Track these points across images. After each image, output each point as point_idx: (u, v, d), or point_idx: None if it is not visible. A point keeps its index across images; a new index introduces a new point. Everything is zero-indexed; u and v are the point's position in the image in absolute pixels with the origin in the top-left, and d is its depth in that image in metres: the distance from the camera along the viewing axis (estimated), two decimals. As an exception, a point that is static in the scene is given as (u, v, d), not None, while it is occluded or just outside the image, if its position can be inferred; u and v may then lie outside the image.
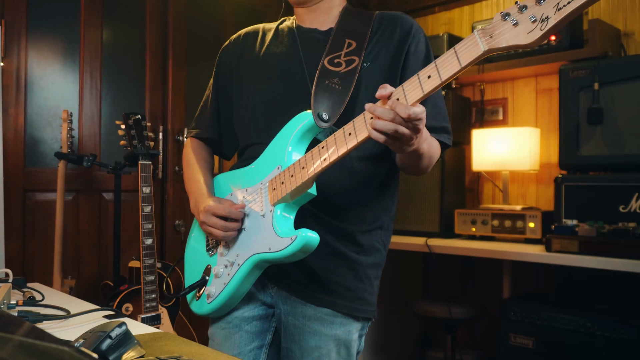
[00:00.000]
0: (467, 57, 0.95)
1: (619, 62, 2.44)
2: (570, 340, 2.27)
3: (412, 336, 3.25)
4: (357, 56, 1.29)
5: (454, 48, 0.97)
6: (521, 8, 0.89)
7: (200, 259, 1.39)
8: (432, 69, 0.99)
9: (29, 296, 1.41)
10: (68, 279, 2.62)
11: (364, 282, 1.32)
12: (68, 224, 2.71)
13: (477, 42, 0.94)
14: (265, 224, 1.22)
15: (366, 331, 1.37)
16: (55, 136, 2.72)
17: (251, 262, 1.23)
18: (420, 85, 1.00)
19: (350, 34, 1.33)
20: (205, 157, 1.51)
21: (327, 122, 1.21)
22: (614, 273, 2.19)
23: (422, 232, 2.84)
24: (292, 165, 1.19)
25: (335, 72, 1.27)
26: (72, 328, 1.16)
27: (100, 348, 0.86)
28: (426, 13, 3.47)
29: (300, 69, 1.32)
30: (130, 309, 2.50)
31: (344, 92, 1.24)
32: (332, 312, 1.28)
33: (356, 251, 1.31)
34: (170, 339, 1.08)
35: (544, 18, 0.87)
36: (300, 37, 1.38)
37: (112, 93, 2.94)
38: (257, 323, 1.34)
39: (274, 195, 1.21)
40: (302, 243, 1.13)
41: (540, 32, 0.87)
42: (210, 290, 1.31)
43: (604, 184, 2.31)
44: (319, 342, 1.28)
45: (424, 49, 1.36)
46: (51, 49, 2.76)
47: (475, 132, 2.90)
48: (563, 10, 0.85)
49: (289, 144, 1.23)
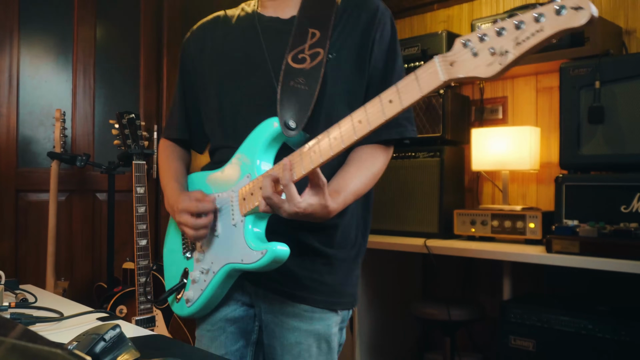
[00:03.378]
0: (428, 86, 0.92)
1: (620, 60, 2.42)
2: (571, 342, 2.25)
3: (410, 338, 3.23)
4: (322, 48, 1.25)
5: (415, 73, 0.93)
6: (481, 37, 0.86)
7: (178, 261, 1.41)
8: (394, 93, 0.96)
9: (21, 298, 1.42)
10: (61, 280, 2.60)
11: (340, 275, 1.32)
12: (61, 224, 2.68)
13: (437, 71, 0.90)
14: (237, 234, 1.23)
15: (347, 323, 1.38)
16: (48, 136, 2.70)
17: (225, 271, 1.26)
18: (382, 110, 0.97)
19: (314, 22, 1.28)
20: (179, 155, 1.51)
21: (295, 129, 1.19)
22: (616, 274, 2.17)
23: (421, 232, 2.82)
24: (260, 176, 1.18)
25: (300, 70, 1.24)
26: (65, 330, 1.16)
27: (94, 351, 0.86)
28: (425, 10, 3.45)
29: (265, 66, 1.28)
30: (124, 311, 2.49)
31: (310, 93, 1.22)
32: (310, 308, 1.29)
33: (330, 245, 1.30)
34: (164, 341, 1.09)
35: (503, 51, 0.83)
36: (262, 27, 1.33)
37: (105, 92, 2.92)
38: (240, 323, 1.36)
39: (244, 205, 1.21)
40: (272, 257, 1.15)
41: (499, 67, 0.84)
42: (188, 295, 1.33)
43: (606, 184, 2.29)
44: (299, 338, 1.29)
45: (389, 33, 1.31)
46: (44, 47, 2.73)
47: (474, 132, 2.88)
48: (522, 45, 0.82)
49: (257, 153, 1.22)
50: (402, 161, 2.93)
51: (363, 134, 1.00)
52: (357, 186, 1.22)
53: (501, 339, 2.45)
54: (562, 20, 0.78)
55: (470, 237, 2.73)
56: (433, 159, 2.85)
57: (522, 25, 0.82)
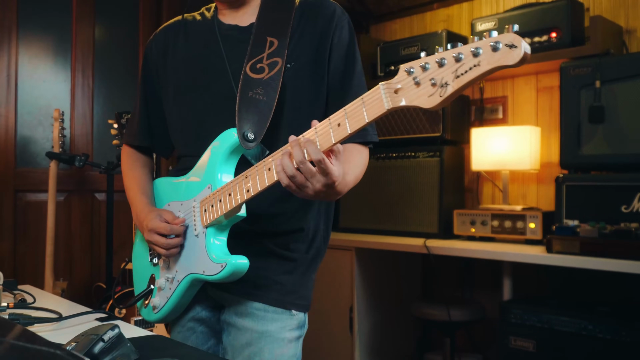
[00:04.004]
0: (373, 113, 0.94)
1: (620, 59, 2.41)
2: (571, 343, 2.24)
3: (410, 339, 3.22)
4: (280, 57, 1.24)
5: (362, 98, 0.95)
6: (424, 66, 0.87)
7: (145, 267, 1.41)
8: (342, 116, 0.97)
9: (20, 299, 1.42)
10: (60, 281, 2.60)
11: (295, 276, 1.32)
12: (60, 224, 2.68)
13: (382, 99, 0.92)
14: (199, 244, 1.24)
15: (304, 333, 1.35)
16: (46, 136, 2.69)
17: (188, 280, 1.27)
18: (331, 133, 0.99)
19: (271, 31, 1.27)
20: (143, 163, 1.49)
21: (253, 141, 1.19)
22: (616, 274, 2.17)
23: (421, 233, 2.81)
24: (220, 188, 1.19)
25: (258, 80, 1.23)
26: (64, 331, 1.16)
27: (93, 351, 0.86)
28: (424, 10, 3.44)
29: (225, 76, 1.28)
30: (123, 311, 2.48)
31: (268, 104, 1.21)
32: (263, 307, 1.28)
33: (286, 248, 1.31)
34: (163, 341, 1.09)
35: (443, 83, 0.84)
36: (222, 36, 1.33)
37: (104, 92, 2.91)
38: (208, 324, 1.37)
39: (206, 216, 1.22)
40: (232, 270, 1.18)
41: (439, 99, 0.85)
42: (155, 302, 1.34)
43: (606, 184, 2.28)
44: (250, 339, 1.28)
45: (347, 37, 1.30)
46: (42, 47, 2.72)
47: (474, 131, 2.87)
48: (460, 79, 0.83)
49: (216, 164, 1.23)
50: (401, 161, 2.92)
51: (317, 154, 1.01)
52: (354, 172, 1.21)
53: (501, 340, 2.44)
54: (497, 57, 0.80)
55: (470, 237, 2.72)
56: (433, 158, 2.84)
57: (461, 57, 0.83)
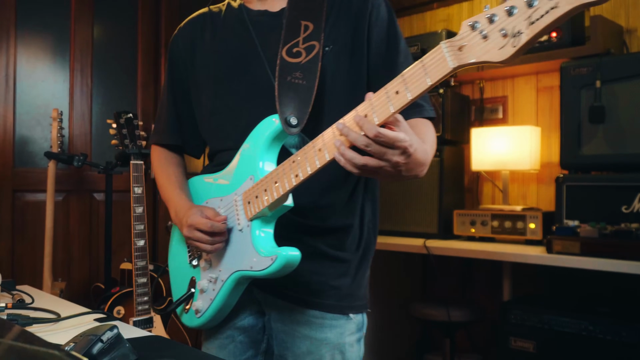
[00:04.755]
0: (436, 74, 0.86)
1: (621, 59, 2.40)
2: (571, 343, 2.23)
3: (410, 340, 3.21)
4: (317, 40, 1.19)
5: (422, 61, 0.88)
6: (490, 18, 0.80)
7: (184, 270, 1.35)
8: (400, 83, 0.91)
9: (18, 299, 1.41)
10: (58, 281, 2.59)
11: (350, 277, 1.27)
12: (58, 225, 2.67)
13: (445, 58, 0.84)
14: (244, 239, 1.18)
15: (364, 333, 1.31)
16: (45, 135, 2.68)
17: (234, 278, 1.21)
18: (389, 101, 0.91)
19: (305, 14, 1.22)
20: (176, 161, 1.44)
21: (296, 127, 1.14)
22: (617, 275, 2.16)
23: (420, 233, 2.80)
24: (264, 177, 1.13)
25: (296, 64, 1.18)
26: (62, 331, 1.16)
27: (91, 352, 0.86)
28: (424, 9, 3.43)
29: (260, 63, 1.23)
30: (121, 312, 2.47)
31: (309, 88, 1.16)
32: (320, 314, 1.24)
33: (340, 248, 1.26)
34: (162, 342, 1.08)
35: (515, 32, 0.77)
36: (252, 22, 1.27)
37: (103, 91, 2.90)
38: (249, 333, 1.31)
39: (250, 209, 1.16)
40: (283, 263, 1.10)
41: (512, 50, 0.78)
42: (197, 305, 1.28)
43: (606, 184, 2.27)
44: (311, 347, 1.23)
45: (386, 14, 1.25)
46: (41, 46, 2.71)
47: (474, 131, 2.86)
48: (536, 24, 0.75)
49: (259, 153, 1.17)
50: (401, 161, 2.91)
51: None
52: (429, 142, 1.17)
53: (501, 340, 2.44)
54: None
55: (470, 238, 2.71)
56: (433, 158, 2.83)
57: (534, 2, 0.75)
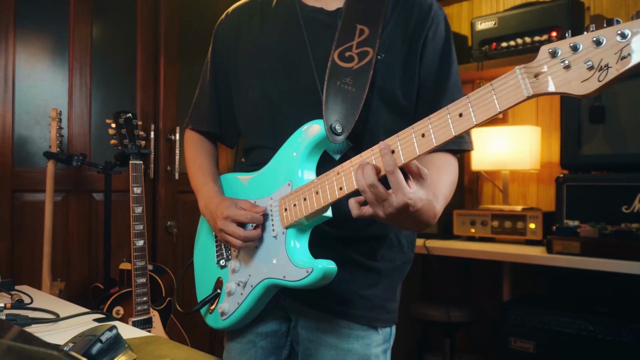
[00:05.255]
0: (508, 101, 0.80)
1: (621, 58, 2.39)
2: (571, 344, 2.23)
3: (410, 340, 3.21)
4: (371, 47, 1.14)
5: (492, 84, 0.82)
6: (574, 46, 0.73)
7: (211, 269, 1.32)
8: (464, 105, 0.84)
9: (17, 299, 1.41)
10: (57, 281, 2.58)
11: (381, 289, 1.22)
12: (57, 225, 2.66)
13: (520, 85, 0.78)
14: (278, 247, 1.13)
15: (391, 344, 1.27)
16: (44, 135, 2.67)
17: (264, 285, 1.17)
18: (450, 124, 0.86)
19: (362, 18, 1.16)
20: (210, 151, 1.39)
21: (341, 134, 1.09)
22: (617, 275, 2.16)
23: (420, 233, 2.79)
24: (304, 186, 1.08)
25: (348, 69, 1.13)
26: (61, 332, 1.16)
27: (90, 352, 0.86)
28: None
29: (307, 62, 1.18)
30: (121, 312, 2.47)
31: (357, 95, 1.11)
32: (347, 324, 1.19)
33: (374, 258, 1.21)
34: (161, 342, 1.08)
35: (603, 66, 0.71)
36: (304, 18, 1.22)
37: (102, 91, 2.89)
38: (272, 339, 1.28)
39: (286, 217, 1.12)
40: (320, 275, 1.05)
41: (598, 84, 0.71)
42: (224, 307, 1.25)
43: (606, 184, 2.27)
44: (336, 357, 1.20)
45: (444, 34, 1.21)
46: (40, 45, 2.70)
47: (474, 131, 2.85)
48: (628, 59, 0.68)
49: (299, 159, 1.12)
50: (401, 161, 2.90)
51: (426, 150, 0.89)
52: (445, 192, 1.11)
53: (501, 341, 2.43)
54: None
55: (470, 238, 2.71)
56: (432, 158, 2.82)
57: (626, 34, 0.69)
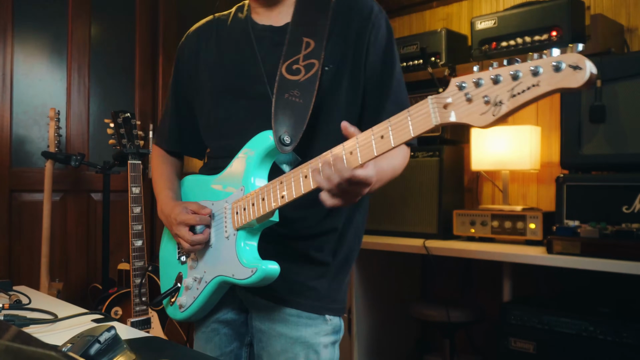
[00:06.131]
0: (419, 127, 0.90)
1: (622, 58, 2.39)
2: (572, 344, 2.22)
3: (409, 340, 3.20)
4: (317, 59, 1.21)
5: (408, 111, 0.92)
6: (477, 82, 0.83)
7: (173, 265, 1.42)
8: (385, 128, 0.94)
9: (15, 299, 1.41)
10: (55, 281, 2.58)
11: (328, 280, 1.30)
12: (55, 225, 2.66)
13: (429, 113, 0.89)
14: (229, 247, 1.23)
15: (340, 338, 1.34)
16: (42, 135, 2.67)
17: (216, 282, 1.27)
18: (373, 145, 0.96)
19: (308, 31, 1.24)
20: (172, 162, 1.51)
21: (289, 145, 1.17)
22: (617, 275, 2.15)
23: (420, 233, 2.79)
24: (253, 192, 1.18)
25: (295, 82, 1.21)
26: (59, 332, 1.17)
27: (89, 353, 0.86)
28: (424, 8, 3.42)
29: (260, 77, 1.26)
30: (119, 312, 2.46)
31: (305, 107, 1.19)
32: (297, 312, 1.27)
33: (319, 250, 1.28)
34: (160, 343, 1.10)
35: (497, 102, 0.80)
36: (256, 37, 1.30)
37: (100, 90, 2.89)
38: (233, 326, 1.37)
39: (237, 219, 1.21)
40: (262, 276, 1.16)
41: (492, 118, 0.81)
42: (182, 300, 1.35)
43: (607, 184, 2.26)
44: (285, 346, 1.26)
45: (385, 37, 1.27)
46: (38, 45, 2.70)
47: (474, 131, 2.84)
48: (517, 98, 0.79)
49: (251, 167, 1.22)
50: (400, 161, 2.90)
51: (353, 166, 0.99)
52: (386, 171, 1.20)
53: (501, 341, 2.42)
54: (559, 78, 0.75)
55: (470, 238, 2.70)
56: (432, 158, 2.82)
57: (518, 75, 0.79)
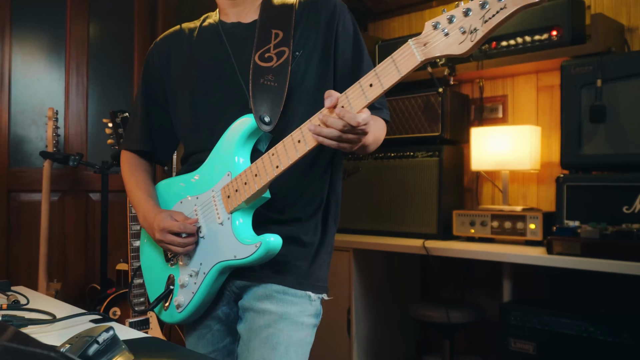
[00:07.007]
0: (406, 67, 1.00)
1: (622, 58, 2.38)
2: (572, 345, 2.22)
3: (409, 341, 3.19)
4: (287, 46, 1.30)
5: (392, 57, 1.01)
6: (450, 18, 0.95)
7: (160, 269, 1.42)
8: (373, 77, 1.03)
9: (13, 300, 1.41)
10: (54, 282, 2.58)
11: (310, 260, 1.35)
12: (54, 225, 2.65)
13: (414, 52, 0.98)
14: (225, 231, 1.25)
15: (318, 324, 1.37)
16: (40, 135, 2.66)
17: (217, 270, 1.28)
18: (364, 94, 1.04)
19: (275, 24, 1.34)
20: (145, 168, 1.52)
21: (270, 124, 1.24)
22: (617, 276, 2.14)
23: (419, 233, 2.78)
24: (243, 172, 1.22)
25: (268, 68, 1.29)
26: (58, 333, 1.17)
27: (87, 353, 0.86)
28: (423, 7, 3.41)
29: (232, 70, 1.33)
30: (117, 313, 2.46)
31: (280, 89, 1.27)
32: (282, 289, 1.30)
33: (303, 233, 1.34)
34: (159, 343, 1.11)
35: (472, 29, 0.93)
36: (226, 34, 1.38)
37: (99, 90, 2.88)
38: (226, 321, 1.39)
39: (230, 202, 1.24)
40: (267, 249, 1.18)
41: (470, 43, 0.93)
42: (179, 300, 1.34)
43: (607, 184, 2.26)
44: (269, 321, 1.28)
45: (351, 26, 1.38)
46: (36, 44, 2.69)
47: (474, 131, 2.84)
48: (489, 22, 0.91)
49: (234, 150, 1.25)
50: (400, 161, 2.89)
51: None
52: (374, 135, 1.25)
53: (501, 342, 2.42)
54: None
55: (470, 238, 2.69)
56: (432, 158, 2.81)
57: (486, 5, 0.91)
